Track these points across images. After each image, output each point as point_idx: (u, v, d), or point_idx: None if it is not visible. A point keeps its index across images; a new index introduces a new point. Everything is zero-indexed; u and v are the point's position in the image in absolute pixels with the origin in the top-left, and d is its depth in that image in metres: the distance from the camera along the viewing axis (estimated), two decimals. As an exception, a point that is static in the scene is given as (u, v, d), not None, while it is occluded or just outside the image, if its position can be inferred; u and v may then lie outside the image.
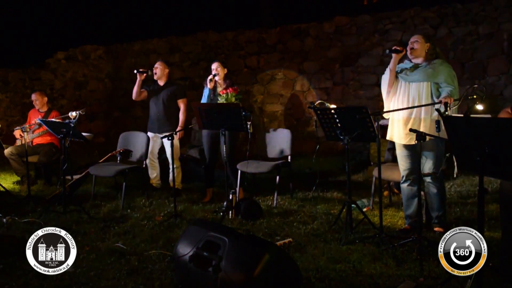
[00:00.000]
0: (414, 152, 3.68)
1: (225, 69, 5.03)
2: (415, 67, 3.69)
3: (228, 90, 4.95)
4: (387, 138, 3.90)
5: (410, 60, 3.76)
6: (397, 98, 3.75)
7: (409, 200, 3.84)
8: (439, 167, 3.68)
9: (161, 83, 5.51)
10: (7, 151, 5.92)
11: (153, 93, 5.51)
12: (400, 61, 3.77)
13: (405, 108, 3.64)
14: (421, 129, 3.53)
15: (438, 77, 3.59)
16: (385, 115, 3.87)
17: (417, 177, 3.73)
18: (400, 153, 3.81)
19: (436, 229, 3.76)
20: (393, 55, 3.67)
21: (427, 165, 3.67)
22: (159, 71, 5.45)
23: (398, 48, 3.66)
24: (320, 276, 2.91)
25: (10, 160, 5.97)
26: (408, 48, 3.69)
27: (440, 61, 3.67)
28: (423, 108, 3.57)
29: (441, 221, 3.78)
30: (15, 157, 5.90)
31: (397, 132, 3.74)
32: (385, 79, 3.79)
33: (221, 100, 4.95)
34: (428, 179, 3.72)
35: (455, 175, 5.64)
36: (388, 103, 3.83)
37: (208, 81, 4.90)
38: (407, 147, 3.73)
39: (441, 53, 3.76)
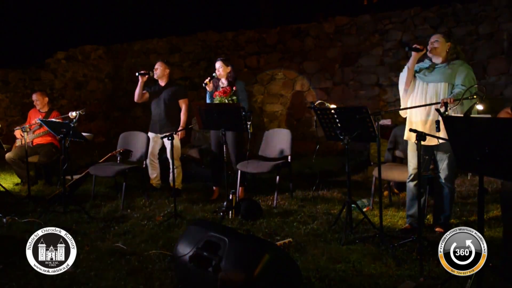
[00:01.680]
0: (427, 152, 3.67)
1: (229, 68, 5.04)
2: (434, 67, 3.66)
3: (218, 93, 4.96)
4: (404, 138, 3.87)
5: (430, 60, 3.72)
6: (415, 98, 3.71)
7: (414, 200, 3.83)
8: (453, 168, 3.68)
9: (162, 83, 5.51)
10: (8, 157, 5.92)
11: (155, 94, 5.52)
12: (419, 60, 3.71)
13: (415, 107, 3.61)
14: (441, 131, 3.50)
15: (456, 78, 3.55)
16: (402, 115, 3.85)
17: (425, 177, 3.73)
18: (412, 152, 3.78)
19: (436, 229, 3.76)
20: (413, 53, 3.60)
21: (441, 166, 3.67)
22: (160, 72, 5.46)
23: (418, 47, 3.59)
24: (320, 276, 2.91)
25: (12, 165, 5.98)
26: (428, 47, 3.64)
27: (460, 61, 3.62)
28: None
29: (446, 222, 3.77)
30: (17, 162, 5.91)
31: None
32: (403, 77, 3.73)
33: (216, 102, 4.96)
34: (442, 179, 3.70)
35: (468, 177, 5.65)
36: (405, 102, 3.78)
37: (204, 85, 4.95)
38: (422, 147, 3.70)
39: (462, 53, 3.70)
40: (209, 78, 4.95)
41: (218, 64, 5.02)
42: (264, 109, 9.24)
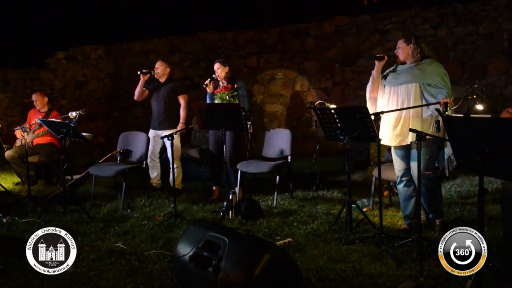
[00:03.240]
0: (407, 152, 3.69)
1: (226, 68, 5.04)
2: (402, 69, 3.72)
3: (219, 90, 4.97)
4: (381, 142, 3.88)
5: (400, 64, 3.80)
6: (387, 101, 3.75)
7: (406, 201, 3.83)
8: (427, 166, 3.66)
9: (162, 80, 5.53)
10: (7, 155, 5.92)
11: (154, 91, 5.53)
12: (390, 66, 3.82)
13: (400, 109, 3.62)
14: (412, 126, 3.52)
15: (427, 78, 3.58)
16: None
17: (411, 178, 3.73)
18: (394, 155, 3.81)
19: (436, 221, 3.78)
20: (376, 62, 3.74)
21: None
22: (160, 71, 5.48)
23: (380, 55, 3.74)
24: (320, 276, 2.91)
25: (11, 163, 5.98)
26: None
27: (429, 61, 3.66)
28: (411, 109, 3.58)
29: (437, 213, 3.80)
30: (16, 161, 5.91)
31: (387, 134, 3.73)
32: (369, 86, 3.86)
33: (216, 99, 4.97)
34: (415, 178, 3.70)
35: (447, 174, 5.62)
36: (373, 109, 3.81)
37: (204, 86, 4.96)
38: (399, 148, 3.73)
39: (429, 51, 3.74)
40: (209, 79, 4.96)
41: (217, 66, 5.04)
42: (264, 109, 9.24)
